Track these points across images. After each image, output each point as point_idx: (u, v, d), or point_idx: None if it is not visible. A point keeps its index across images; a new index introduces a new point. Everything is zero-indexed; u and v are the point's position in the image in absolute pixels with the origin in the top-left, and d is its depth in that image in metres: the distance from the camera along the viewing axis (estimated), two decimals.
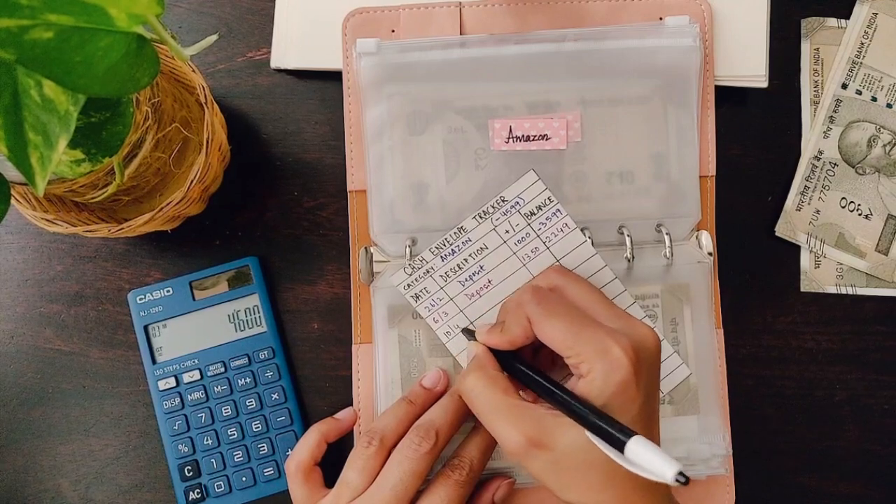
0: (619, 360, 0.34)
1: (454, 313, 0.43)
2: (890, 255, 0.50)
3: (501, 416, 0.35)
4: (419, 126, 0.46)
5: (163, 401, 0.48)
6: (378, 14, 0.48)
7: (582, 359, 0.35)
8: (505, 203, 0.42)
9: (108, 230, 0.41)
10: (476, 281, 0.43)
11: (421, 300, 0.43)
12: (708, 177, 0.48)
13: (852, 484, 0.49)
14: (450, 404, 0.41)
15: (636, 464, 0.31)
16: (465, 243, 0.42)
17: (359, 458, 0.39)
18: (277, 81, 0.51)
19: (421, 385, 0.43)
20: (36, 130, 0.29)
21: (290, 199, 0.50)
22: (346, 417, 0.45)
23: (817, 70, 0.51)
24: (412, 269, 0.42)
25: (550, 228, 0.42)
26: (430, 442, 0.38)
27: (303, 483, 0.41)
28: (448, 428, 0.40)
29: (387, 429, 0.40)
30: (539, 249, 0.42)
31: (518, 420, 0.35)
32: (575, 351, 0.35)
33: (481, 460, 0.40)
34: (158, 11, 0.28)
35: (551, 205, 0.42)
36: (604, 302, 0.38)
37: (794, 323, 0.50)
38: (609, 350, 0.34)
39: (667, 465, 0.30)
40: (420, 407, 0.41)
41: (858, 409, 0.50)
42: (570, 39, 0.47)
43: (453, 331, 0.43)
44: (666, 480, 0.30)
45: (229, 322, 0.49)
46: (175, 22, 0.51)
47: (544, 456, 0.34)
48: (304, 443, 0.43)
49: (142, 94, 0.40)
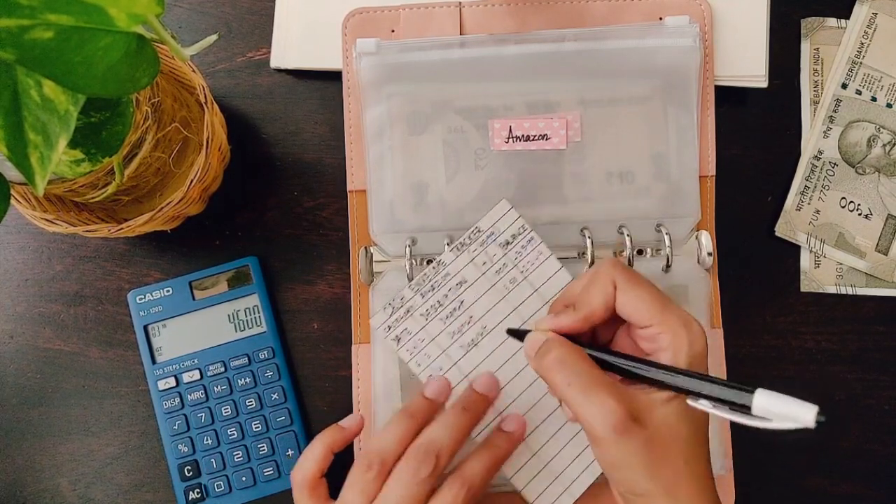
0: (700, 333, 0.35)
1: (436, 354, 0.42)
2: (890, 255, 0.50)
3: (601, 388, 0.33)
4: (419, 126, 0.46)
5: (163, 401, 0.48)
6: (378, 14, 0.48)
7: (665, 329, 0.34)
8: (481, 233, 0.42)
9: (108, 230, 0.41)
10: (458, 318, 0.42)
11: (402, 342, 0.42)
12: (708, 177, 0.48)
13: (853, 484, 0.49)
14: (453, 420, 0.38)
15: (770, 413, 0.31)
16: (445, 277, 0.42)
17: (358, 481, 0.37)
18: (277, 81, 0.51)
19: (423, 396, 0.39)
20: (36, 130, 0.29)
21: (290, 199, 0.50)
22: (352, 425, 0.41)
23: (817, 70, 0.51)
24: (392, 310, 0.42)
25: (526, 257, 0.42)
26: (430, 466, 0.36)
27: (309, 496, 0.39)
28: (450, 447, 0.37)
29: (386, 450, 0.37)
30: (517, 280, 0.42)
31: (618, 394, 0.33)
32: (660, 319, 0.35)
33: (485, 479, 0.37)
34: (158, 11, 0.28)
35: (525, 233, 0.42)
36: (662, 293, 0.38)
37: (794, 323, 0.50)
38: (691, 323, 0.35)
39: (805, 408, 0.30)
40: (421, 422, 0.38)
41: (858, 409, 0.50)
42: (569, 39, 0.47)
43: (436, 375, 0.41)
44: (807, 424, 0.30)
45: (229, 322, 0.49)
46: (175, 22, 0.51)
47: (640, 434, 0.33)
48: (311, 454, 0.39)
49: (142, 94, 0.40)
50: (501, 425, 0.40)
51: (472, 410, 0.39)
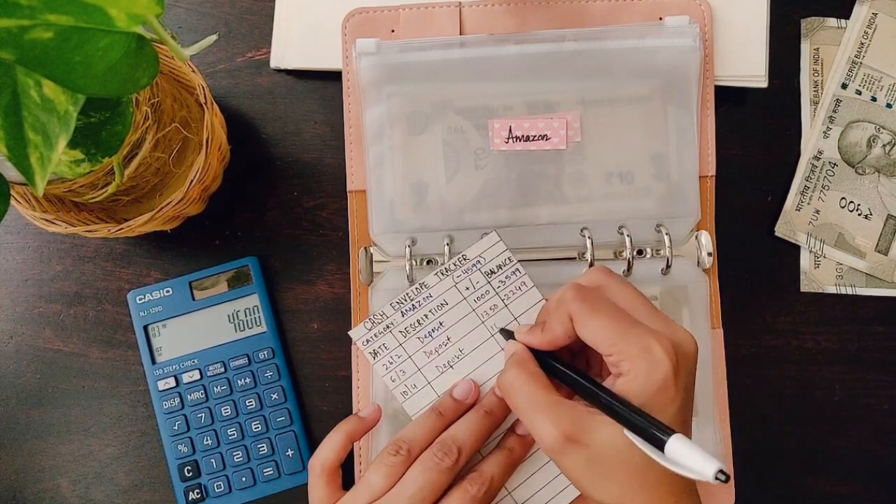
0: (661, 359, 0.34)
1: (412, 372, 0.42)
2: (889, 255, 0.50)
3: (540, 411, 0.35)
4: (419, 126, 0.46)
5: (162, 401, 0.48)
6: (378, 14, 0.48)
7: (624, 357, 0.34)
8: (466, 261, 0.42)
9: (108, 230, 0.41)
10: (435, 338, 0.42)
11: (379, 357, 0.42)
12: (708, 177, 0.48)
13: (852, 484, 0.49)
14: (475, 420, 0.40)
15: (677, 462, 0.31)
16: (426, 299, 0.42)
17: (384, 463, 0.39)
18: (277, 81, 0.51)
19: (451, 396, 0.42)
20: (35, 130, 0.29)
21: (290, 199, 0.50)
22: (370, 414, 0.44)
23: (817, 70, 0.51)
24: (371, 324, 0.42)
25: (509, 286, 0.42)
26: (452, 458, 0.38)
27: (326, 485, 0.41)
28: (471, 444, 0.39)
29: (415, 439, 0.40)
30: (498, 307, 0.42)
31: (556, 416, 0.35)
32: (618, 348, 0.35)
33: (501, 478, 0.40)
34: (158, 11, 0.28)
35: (511, 264, 0.42)
36: (645, 304, 0.37)
37: (794, 323, 0.50)
38: (651, 349, 0.34)
39: (707, 464, 0.30)
40: (449, 419, 0.41)
41: (858, 409, 0.50)
42: (569, 39, 0.47)
43: (410, 391, 0.42)
44: (706, 479, 0.30)
45: (229, 322, 0.48)
46: (175, 22, 0.51)
47: (579, 453, 0.34)
48: (330, 443, 0.42)
49: (141, 94, 0.40)
50: (514, 428, 0.41)
51: (494, 414, 0.41)
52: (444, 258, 0.44)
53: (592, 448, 0.34)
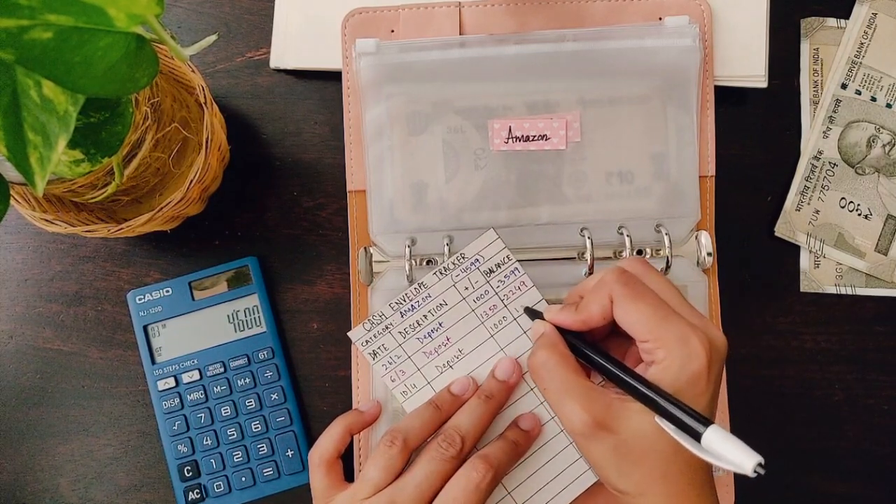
0: (698, 350, 0.34)
1: (411, 372, 0.42)
2: (889, 255, 0.50)
3: (571, 394, 0.35)
4: (419, 126, 0.46)
5: (162, 401, 0.48)
6: (377, 14, 0.48)
7: (660, 344, 0.35)
8: (465, 260, 0.42)
9: (108, 230, 0.41)
10: (435, 338, 0.42)
11: (378, 357, 0.42)
12: (707, 177, 0.48)
13: (852, 484, 0.49)
14: (476, 407, 0.40)
15: (713, 452, 0.31)
16: (425, 299, 0.42)
17: (381, 456, 0.39)
18: (277, 81, 0.51)
19: (449, 391, 0.42)
20: (35, 130, 0.29)
21: (290, 199, 0.50)
22: (371, 410, 0.44)
23: (817, 70, 0.51)
24: (371, 325, 0.42)
25: (509, 286, 0.42)
26: (457, 448, 0.39)
27: (325, 475, 0.41)
28: (475, 432, 0.40)
29: (410, 431, 0.40)
30: (497, 307, 0.42)
31: (587, 401, 0.35)
32: (655, 335, 0.35)
33: (504, 465, 0.40)
34: (158, 11, 0.28)
35: (510, 263, 0.42)
36: (681, 298, 0.38)
37: (793, 323, 0.50)
38: (689, 340, 0.34)
39: (747, 456, 0.29)
40: (446, 413, 0.41)
41: (858, 409, 0.50)
42: (569, 39, 0.47)
43: (409, 391, 0.42)
44: (745, 471, 0.29)
45: (229, 322, 0.48)
46: (174, 22, 0.51)
47: (608, 439, 0.34)
48: (329, 435, 0.42)
49: (141, 95, 0.40)
50: (518, 422, 0.41)
51: (494, 398, 0.41)
52: (444, 258, 0.44)
53: (621, 435, 0.34)
